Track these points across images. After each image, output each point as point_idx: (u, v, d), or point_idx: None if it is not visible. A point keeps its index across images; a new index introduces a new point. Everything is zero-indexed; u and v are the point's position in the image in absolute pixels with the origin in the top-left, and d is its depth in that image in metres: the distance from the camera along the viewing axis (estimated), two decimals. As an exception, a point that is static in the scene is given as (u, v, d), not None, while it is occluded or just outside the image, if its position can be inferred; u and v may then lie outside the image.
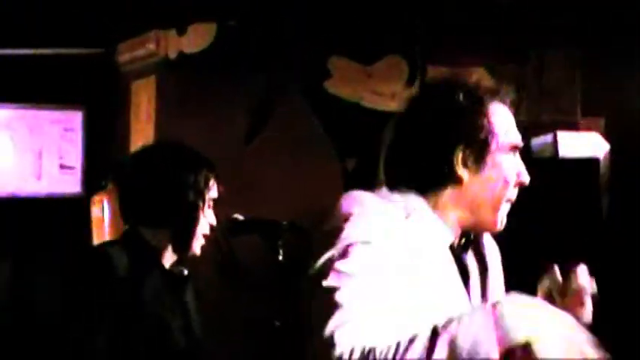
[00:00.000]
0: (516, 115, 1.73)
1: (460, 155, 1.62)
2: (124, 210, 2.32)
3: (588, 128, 4.12)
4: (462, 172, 1.63)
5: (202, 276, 2.57)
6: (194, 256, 2.32)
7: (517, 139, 1.69)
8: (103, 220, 4.44)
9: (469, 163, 1.63)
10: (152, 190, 2.25)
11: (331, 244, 1.51)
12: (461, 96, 1.64)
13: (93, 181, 4.71)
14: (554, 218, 3.59)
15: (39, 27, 4.57)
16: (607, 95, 4.21)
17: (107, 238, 4.26)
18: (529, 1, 4.10)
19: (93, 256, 2.25)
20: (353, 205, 1.58)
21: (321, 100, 4.33)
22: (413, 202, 1.63)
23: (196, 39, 4.34)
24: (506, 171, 1.65)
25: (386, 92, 4.34)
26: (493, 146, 1.64)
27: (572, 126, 4.16)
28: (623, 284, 3.64)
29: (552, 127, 3.92)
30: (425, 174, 1.64)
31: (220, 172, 2.41)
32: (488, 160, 1.64)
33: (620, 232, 3.76)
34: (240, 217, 2.70)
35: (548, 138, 3.83)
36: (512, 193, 1.68)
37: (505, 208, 1.68)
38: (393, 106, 4.36)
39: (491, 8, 4.13)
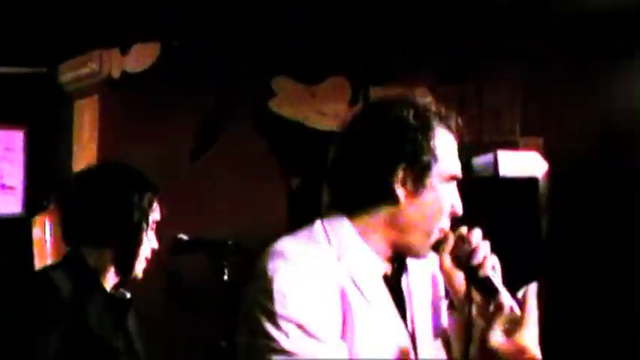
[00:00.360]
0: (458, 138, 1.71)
1: (400, 174, 1.59)
2: (66, 230, 2.30)
3: (528, 148, 4.19)
4: (399, 191, 1.60)
5: (145, 297, 2.55)
6: (135, 279, 2.30)
7: (457, 169, 1.67)
8: (45, 240, 4.38)
9: (408, 184, 1.60)
10: (95, 210, 2.23)
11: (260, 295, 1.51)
12: (410, 114, 1.61)
13: (34, 201, 4.65)
14: (494, 237, 3.65)
15: (-20, 46, 4.52)
16: (546, 115, 4.28)
17: (49, 259, 4.21)
18: (471, 22, 4.18)
19: (35, 281, 2.23)
20: (277, 261, 1.54)
21: (266, 119, 4.35)
22: (341, 232, 1.60)
23: (140, 58, 4.33)
24: (442, 198, 1.63)
25: (329, 112, 4.37)
26: (434, 171, 1.61)
27: (512, 145, 4.23)
28: (562, 303, 3.71)
29: (493, 147, 3.98)
30: (362, 190, 1.61)
31: (164, 192, 2.40)
32: (427, 183, 1.61)
33: (559, 252, 3.82)
34: (185, 237, 2.69)
35: (488, 157, 3.88)
36: (445, 223, 1.65)
37: (435, 236, 1.64)
38: (336, 125, 4.38)
39: (434, 29, 4.20)
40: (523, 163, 3.94)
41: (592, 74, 4.17)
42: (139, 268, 2.29)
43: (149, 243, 2.30)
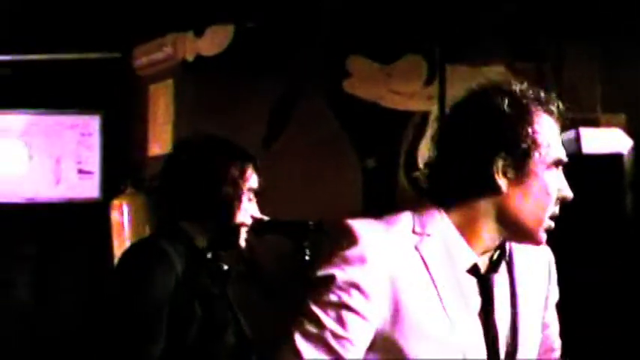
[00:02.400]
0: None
1: (500, 163, 1.55)
2: (164, 206, 2.31)
3: (609, 125, 4.10)
4: (500, 181, 1.56)
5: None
6: (239, 249, 2.31)
7: (561, 153, 1.61)
8: (123, 224, 4.44)
9: (509, 173, 1.56)
10: (188, 186, 2.25)
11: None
12: (505, 102, 1.57)
13: (112, 185, 4.71)
14: (579, 215, 3.57)
15: (55, 32, 4.58)
16: (627, 91, 4.18)
17: (127, 242, 4.26)
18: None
19: (153, 250, 2.20)
20: (349, 239, 1.52)
21: (340, 100, 4.32)
22: (432, 222, 1.57)
23: (214, 41, 4.34)
24: (548, 184, 1.59)
25: (405, 92, 4.33)
26: (535, 157, 1.57)
27: (593, 122, 4.14)
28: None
29: (573, 124, 3.90)
30: (462, 181, 1.58)
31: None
32: (529, 171, 1.57)
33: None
34: (266, 219, 2.67)
35: (570, 135, 3.80)
36: (555, 209, 1.61)
37: (547, 224, 1.61)
38: (412, 105, 4.34)
39: (510, 5, 4.11)
40: (606, 140, 3.85)
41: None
42: (240, 238, 2.30)
43: (247, 212, 2.30)
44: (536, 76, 4.23)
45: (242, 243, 2.32)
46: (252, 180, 2.33)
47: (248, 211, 2.32)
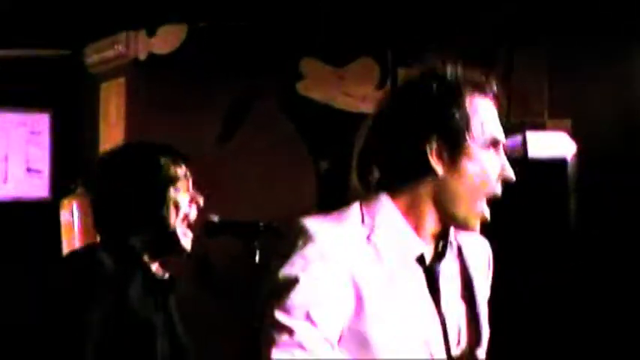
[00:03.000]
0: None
1: (434, 146, 1.58)
2: (98, 216, 2.27)
3: (556, 130, 4.17)
4: (436, 164, 1.58)
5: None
6: (185, 255, 2.28)
7: (497, 133, 1.62)
8: (73, 224, 4.39)
9: (443, 156, 1.58)
10: (119, 195, 2.21)
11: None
12: (435, 85, 1.59)
13: (61, 185, 4.66)
14: (524, 218, 3.63)
15: (5, 28, 4.52)
16: (574, 96, 4.25)
17: (77, 242, 4.22)
18: (498, 3, 4.14)
19: (83, 257, 2.20)
20: (305, 237, 1.53)
21: (294, 102, 4.33)
22: (380, 211, 1.59)
23: (166, 40, 4.32)
24: (485, 164, 1.60)
25: (357, 94, 4.36)
26: (469, 139, 1.58)
27: (540, 127, 4.20)
28: (590, 284, 3.69)
29: (520, 129, 3.95)
30: (399, 167, 1.60)
31: (193, 174, 2.36)
32: (464, 153, 1.58)
33: (586, 234, 3.80)
34: (216, 219, 2.68)
35: (517, 139, 3.86)
36: (495, 188, 1.62)
37: (482, 207, 1.62)
38: (364, 108, 4.37)
39: (461, 10, 4.16)
40: (552, 144, 3.92)
41: (620, 56, 4.12)
42: (181, 238, 2.26)
43: (179, 203, 2.25)
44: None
45: (185, 245, 2.28)
46: (172, 170, 2.25)
47: (179, 201, 2.25)
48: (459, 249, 1.69)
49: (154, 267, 2.27)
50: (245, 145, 4.30)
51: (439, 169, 1.58)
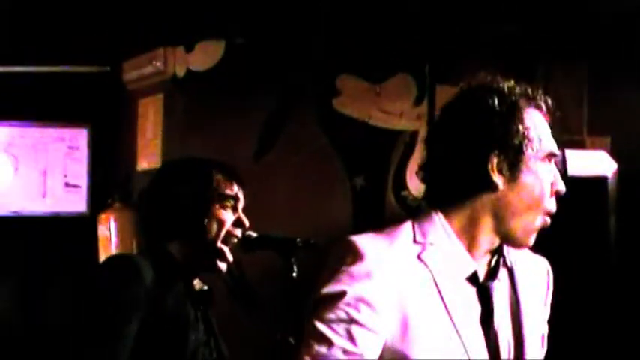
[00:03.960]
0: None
1: (495, 161, 1.57)
2: (148, 226, 2.32)
3: (594, 147, 4.12)
4: (496, 178, 1.58)
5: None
6: (228, 264, 2.31)
7: (552, 146, 1.64)
8: (110, 238, 4.42)
9: (504, 170, 1.58)
10: (164, 207, 2.26)
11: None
12: (495, 100, 1.59)
13: (99, 199, 4.70)
14: (563, 237, 3.59)
15: (44, 44, 4.58)
16: (613, 114, 4.21)
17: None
18: (537, 19, 4.11)
19: (123, 263, 2.20)
20: (354, 254, 1.54)
21: (330, 118, 4.33)
22: (431, 229, 1.59)
23: (204, 57, 4.35)
24: (542, 178, 1.60)
25: (394, 111, 4.34)
26: (528, 152, 1.59)
27: (579, 144, 4.16)
28: (630, 301, 3.64)
29: (559, 146, 3.91)
30: (457, 183, 1.60)
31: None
32: (524, 166, 1.58)
33: (627, 253, 3.75)
34: (254, 234, 2.68)
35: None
36: (551, 205, 1.62)
37: (541, 220, 1.61)
38: (400, 124, 4.36)
39: (500, 25, 4.14)
40: (591, 162, 3.87)
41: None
42: (220, 262, 2.28)
43: (224, 222, 2.27)
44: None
45: (223, 267, 2.31)
46: (222, 188, 2.31)
47: (224, 220, 2.30)
48: (511, 269, 1.67)
49: (194, 280, 2.30)
50: (281, 160, 4.30)
51: (500, 183, 1.58)
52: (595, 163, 3.88)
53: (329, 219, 4.17)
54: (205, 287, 2.33)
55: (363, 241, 1.55)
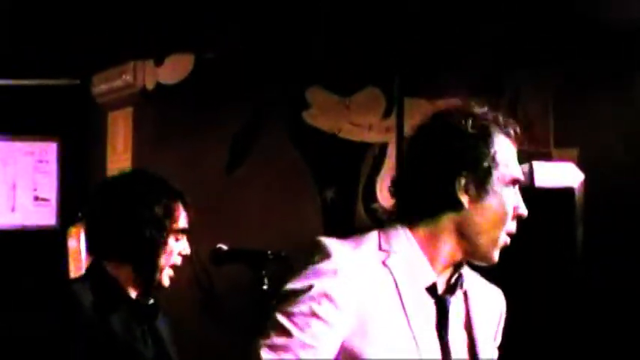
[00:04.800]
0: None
1: (463, 181, 1.64)
2: (89, 243, 2.31)
3: (561, 158, 4.16)
4: (462, 198, 1.64)
5: (179, 307, 2.55)
6: (161, 288, 2.28)
7: (518, 172, 1.70)
8: (80, 252, 4.39)
9: (470, 191, 1.65)
10: (108, 224, 2.22)
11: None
12: (468, 123, 1.65)
13: (69, 213, 4.66)
14: (530, 248, 3.62)
15: (13, 58, 4.55)
16: (580, 125, 4.25)
17: (84, 269, 4.21)
18: (504, 34, 4.16)
19: (58, 294, 2.22)
20: (321, 253, 1.58)
21: (300, 131, 4.35)
22: (396, 239, 1.65)
23: (174, 70, 4.35)
24: (506, 202, 1.66)
25: (363, 124, 4.37)
26: (495, 176, 1.65)
27: (546, 156, 4.20)
28: (597, 311, 3.67)
29: (526, 158, 3.94)
30: (427, 199, 1.66)
31: (199, 203, 2.39)
32: (490, 188, 1.65)
33: (593, 263, 3.78)
34: (224, 247, 2.68)
35: (523, 168, 3.84)
36: (511, 226, 1.68)
37: (503, 240, 1.68)
38: (370, 137, 4.38)
39: (468, 40, 4.18)
40: (559, 173, 3.91)
41: (627, 83, 4.12)
42: (164, 277, 2.27)
43: (173, 252, 2.27)
44: (492, 110, 4.28)
45: (166, 282, 2.28)
46: (181, 220, 2.29)
47: (175, 251, 2.28)
48: (466, 293, 1.72)
49: (136, 295, 2.28)
50: (252, 173, 4.31)
51: (465, 203, 1.64)
52: (562, 174, 3.91)
53: (300, 231, 4.17)
54: (151, 301, 2.30)
55: (331, 241, 1.61)
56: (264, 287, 2.62)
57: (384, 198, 4.32)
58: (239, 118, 4.32)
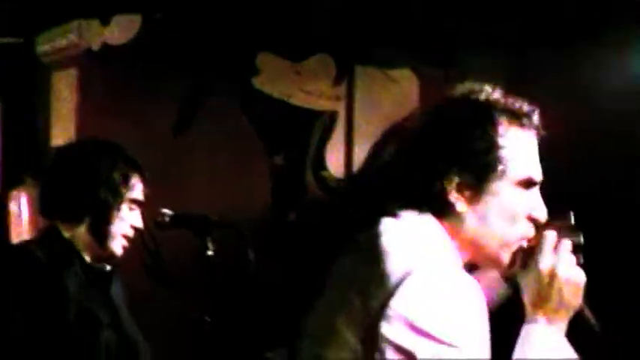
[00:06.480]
0: None
1: (455, 181, 1.41)
2: (42, 206, 2.33)
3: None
4: (455, 201, 1.41)
5: (129, 274, 2.53)
6: (115, 256, 2.29)
7: (533, 172, 1.45)
8: (21, 215, 4.31)
9: (465, 191, 1.41)
10: (64, 187, 2.27)
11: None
12: (467, 112, 1.42)
13: (11, 176, 4.56)
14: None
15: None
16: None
17: (25, 234, 4.14)
18: (459, 7, 4.14)
19: (13, 253, 2.26)
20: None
21: (250, 96, 4.30)
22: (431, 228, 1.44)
23: (121, 30, 4.25)
24: (511, 205, 1.42)
25: (314, 91, 4.34)
26: (498, 174, 1.41)
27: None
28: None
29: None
30: (420, 199, 1.44)
31: (146, 167, 2.40)
32: (489, 189, 1.41)
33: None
34: (169, 212, 2.64)
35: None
36: (525, 229, 1.45)
37: (515, 244, 1.45)
38: (320, 104, 4.36)
39: (422, 10, 4.16)
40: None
41: (574, 69, 4.13)
42: (116, 245, 2.28)
43: (127, 221, 2.29)
44: (442, 82, 4.29)
45: (118, 250, 2.29)
46: (137, 190, 2.32)
47: (128, 220, 2.29)
48: None
49: (92, 259, 2.29)
50: (199, 138, 4.25)
51: (459, 206, 1.42)
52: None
53: (248, 197, 4.15)
54: (108, 267, 2.31)
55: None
56: (209, 253, 2.60)
57: (333, 165, 4.31)
58: (187, 82, 4.25)
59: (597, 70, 3.98)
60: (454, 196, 1.42)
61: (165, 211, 2.65)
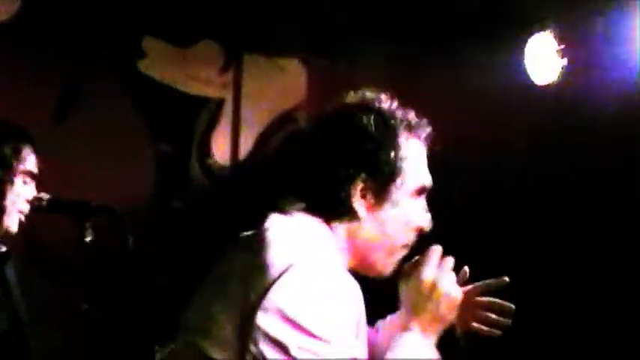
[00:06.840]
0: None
1: (360, 186, 1.47)
2: None
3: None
4: (358, 205, 1.48)
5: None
6: (10, 233, 2.22)
7: (426, 180, 1.54)
8: None
9: (368, 197, 1.48)
10: None
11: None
12: (372, 121, 1.48)
13: None
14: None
15: None
16: (412, 94, 4.31)
17: None
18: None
19: None
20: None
21: (134, 80, 4.21)
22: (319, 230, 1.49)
23: (1, 6, 4.09)
24: (407, 213, 1.50)
25: (201, 77, 4.30)
26: (398, 183, 1.49)
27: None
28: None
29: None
30: (321, 201, 1.48)
31: (38, 158, 2.35)
32: (390, 197, 1.49)
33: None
34: (46, 196, 2.57)
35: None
36: (410, 238, 1.54)
37: (400, 254, 1.54)
38: (207, 92, 4.32)
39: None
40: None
41: (458, 59, 4.22)
42: (11, 221, 2.21)
43: (21, 195, 2.21)
44: (329, 74, 4.32)
45: (13, 227, 2.23)
46: (30, 162, 2.25)
47: (23, 195, 2.23)
48: None
49: None
50: (82, 122, 4.14)
51: (361, 212, 1.48)
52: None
53: (132, 185, 4.08)
54: (3, 249, 2.24)
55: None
56: (88, 239, 2.55)
57: (219, 154, 4.29)
58: (69, 64, 4.13)
59: (479, 62, 4.08)
60: (357, 202, 1.47)
61: (43, 194, 2.58)
